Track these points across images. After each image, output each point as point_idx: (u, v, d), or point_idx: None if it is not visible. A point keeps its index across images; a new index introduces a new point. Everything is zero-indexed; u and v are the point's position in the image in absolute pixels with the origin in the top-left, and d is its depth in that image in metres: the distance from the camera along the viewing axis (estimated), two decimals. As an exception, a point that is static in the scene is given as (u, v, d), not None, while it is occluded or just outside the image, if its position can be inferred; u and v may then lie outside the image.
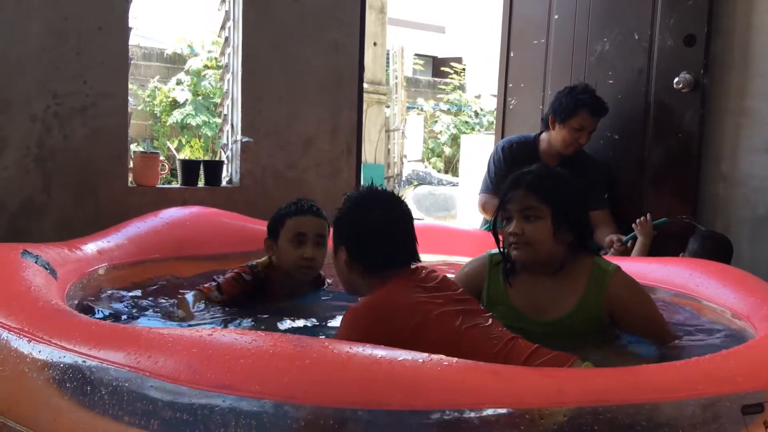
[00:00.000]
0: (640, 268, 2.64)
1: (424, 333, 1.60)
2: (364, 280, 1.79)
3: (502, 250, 2.06)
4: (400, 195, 1.98)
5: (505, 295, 2.05)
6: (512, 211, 1.99)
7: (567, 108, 3.32)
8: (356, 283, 1.82)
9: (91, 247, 2.48)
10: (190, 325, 2.12)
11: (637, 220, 3.09)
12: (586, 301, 1.98)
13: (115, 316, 2.16)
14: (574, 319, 1.98)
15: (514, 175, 2.06)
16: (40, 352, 1.39)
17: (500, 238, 2.05)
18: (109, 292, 2.40)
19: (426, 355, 1.25)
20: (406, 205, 1.89)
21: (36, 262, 2.00)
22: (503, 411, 1.13)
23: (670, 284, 2.48)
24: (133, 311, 2.26)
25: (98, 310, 2.14)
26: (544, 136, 3.49)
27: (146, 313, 2.26)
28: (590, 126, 3.33)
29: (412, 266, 1.81)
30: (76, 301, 2.15)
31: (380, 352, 1.26)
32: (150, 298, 2.42)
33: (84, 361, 1.31)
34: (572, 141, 3.33)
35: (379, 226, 1.78)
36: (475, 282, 2.11)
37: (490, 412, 1.13)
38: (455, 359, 1.26)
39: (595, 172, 3.45)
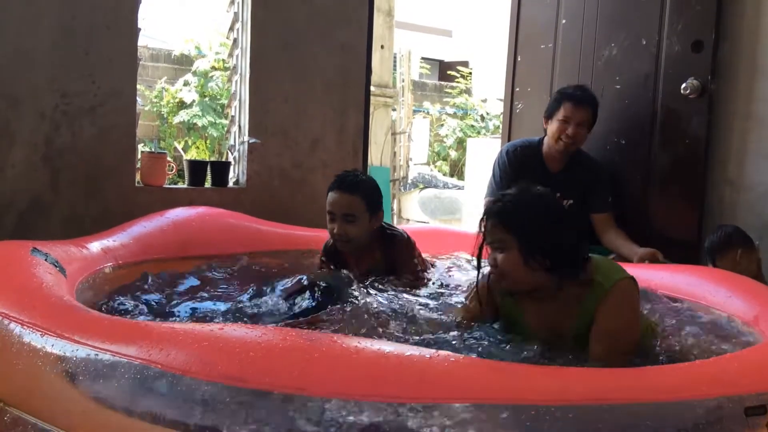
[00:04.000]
0: (648, 275, 2.64)
1: None
2: None
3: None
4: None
5: (519, 313, 2.02)
6: (487, 241, 1.96)
7: (552, 103, 3.40)
8: None
9: (97, 246, 2.50)
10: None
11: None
12: (583, 319, 1.90)
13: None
14: (579, 334, 1.92)
15: (488, 201, 2.06)
16: (53, 345, 1.41)
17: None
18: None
19: (433, 351, 1.25)
20: None
21: (46, 260, 2.02)
22: (506, 406, 1.14)
23: (678, 291, 2.49)
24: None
25: None
26: (546, 139, 3.50)
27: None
28: (575, 117, 3.29)
29: None
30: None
31: (388, 346, 1.27)
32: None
33: (96, 355, 1.32)
34: (560, 133, 3.31)
35: None
36: (490, 304, 2.08)
37: (494, 407, 1.13)
38: (461, 355, 1.27)
39: (598, 176, 3.45)
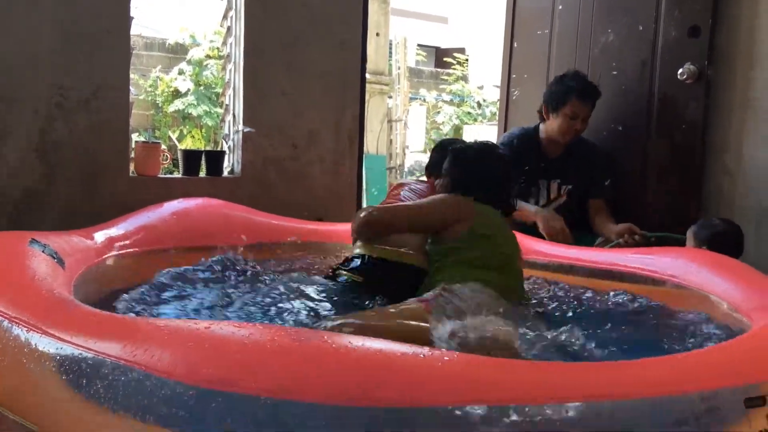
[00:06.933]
0: (639, 259, 2.63)
1: None
2: None
3: None
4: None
5: None
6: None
7: (557, 96, 3.32)
8: None
9: (99, 236, 2.46)
10: None
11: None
12: None
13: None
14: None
15: None
16: (39, 342, 1.37)
17: None
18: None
19: (426, 349, 1.23)
20: None
21: (44, 251, 1.99)
22: (506, 406, 1.12)
23: (669, 275, 2.47)
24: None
25: None
26: (542, 126, 3.48)
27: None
28: (583, 112, 3.30)
29: None
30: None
31: (380, 345, 1.24)
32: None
33: (81, 353, 1.29)
34: (568, 129, 3.31)
35: None
36: None
37: (492, 407, 1.11)
38: (456, 354, 1.25)
39: (595, 161, 3.44)
